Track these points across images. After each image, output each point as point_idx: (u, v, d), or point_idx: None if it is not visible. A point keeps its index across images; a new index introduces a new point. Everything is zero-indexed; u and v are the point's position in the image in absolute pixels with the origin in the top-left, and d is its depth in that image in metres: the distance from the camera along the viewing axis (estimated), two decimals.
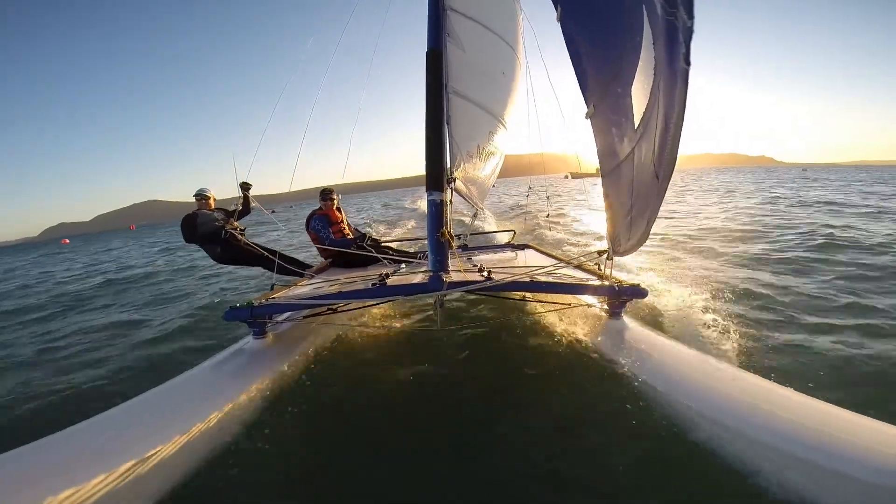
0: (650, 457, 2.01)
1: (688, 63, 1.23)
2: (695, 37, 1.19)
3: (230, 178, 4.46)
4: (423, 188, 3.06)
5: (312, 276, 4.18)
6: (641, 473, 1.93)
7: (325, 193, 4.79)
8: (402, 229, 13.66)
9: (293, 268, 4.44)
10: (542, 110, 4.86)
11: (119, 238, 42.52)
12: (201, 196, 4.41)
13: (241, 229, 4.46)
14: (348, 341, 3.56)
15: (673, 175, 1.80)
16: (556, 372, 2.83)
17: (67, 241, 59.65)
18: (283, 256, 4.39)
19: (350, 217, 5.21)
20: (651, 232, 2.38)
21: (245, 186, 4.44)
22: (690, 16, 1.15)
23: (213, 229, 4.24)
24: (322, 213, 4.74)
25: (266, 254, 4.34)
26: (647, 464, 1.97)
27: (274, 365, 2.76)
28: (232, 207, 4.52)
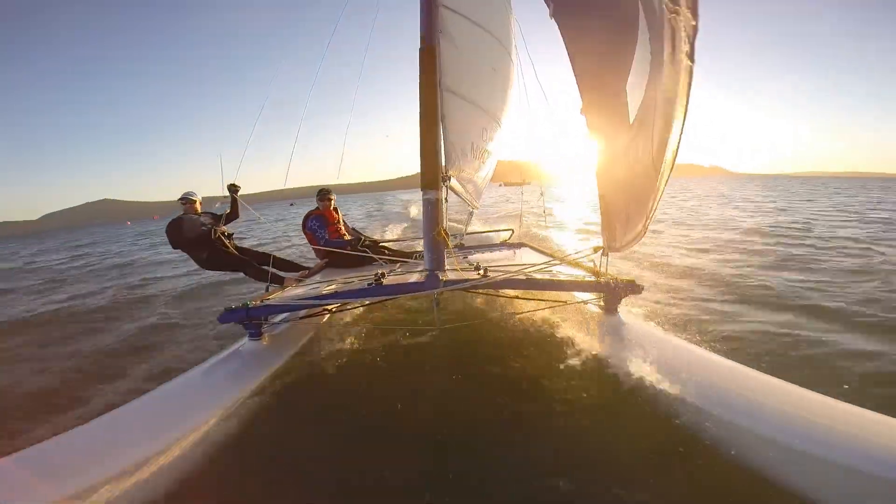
0: (649, 451, 2.01)
1: (692, 60, 1.23)
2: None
3: (205, 178, 4.31)
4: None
5: (305, 277, 4.15)
6: (641, 468, 1.93)
7: (323, 193, 4.77)
8: (399, 229, 13.66)
9: (287, 272, 4.38)
10: (535, 109, 4.86)
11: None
12: (186, 200, 4.27)
13: (228, 234, 4.33)
14: (344, 342, 3.54)
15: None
16: (554, 369, 2.82)
17: (130, 223, 73.26)
18: (276, 260, 4.33)
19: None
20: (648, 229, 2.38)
21: (233, 189, 4.30)
22: (695, 14, 1.14)
23: (198, 234, 4.10)
24: (319, 213, 4.72)
25: (255, 259, 4.27)
26: (646, 458, 1.98)
27: (270, 366, 2.74)
28: (217, 206, 4.40)
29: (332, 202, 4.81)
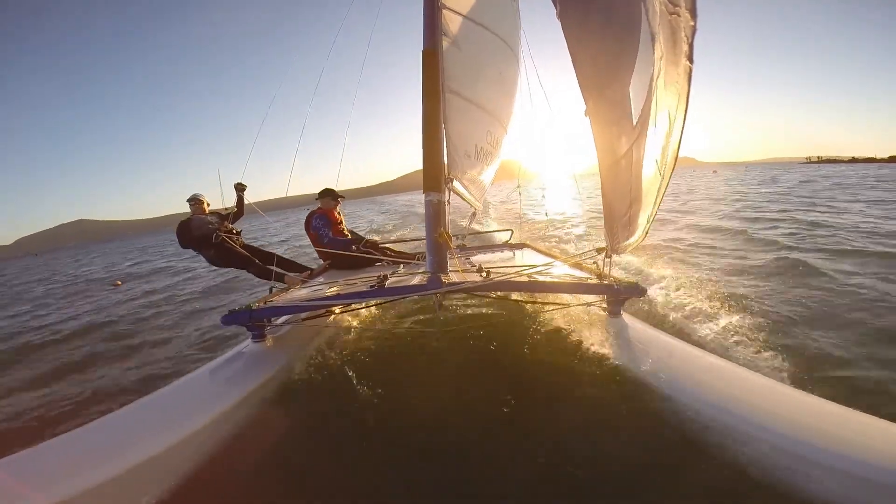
0: (652, 454, 2.00)
1: (691, 61, 1.23)
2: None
3: (178, 195, 4.37)
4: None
5: (309, 279, 4.17)
6: (643, 471, 1.92)
7: (325, 193, 4.78)
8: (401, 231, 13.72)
9: (291, 273, 4.41)
10: (536, 110, 4.84)
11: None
12: (195, 200, 4.39)
13: (236, 232, 4.43)
14: (347, 343, 3.54)
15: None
16: (557, 371, 2.81)
17: None
18: (281, 260, 4.37)
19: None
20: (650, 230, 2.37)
21: (240, 188, 4.42)
22: (693, 15, 1.15)
23: (207, 233, 4.21)
24: (322, 211, 4.72)
25: (260, 258, 4.32)
26: (648, 461, 1.96)
27: (272, 368, 2.74)
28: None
29: (337, 203, 4.82)
